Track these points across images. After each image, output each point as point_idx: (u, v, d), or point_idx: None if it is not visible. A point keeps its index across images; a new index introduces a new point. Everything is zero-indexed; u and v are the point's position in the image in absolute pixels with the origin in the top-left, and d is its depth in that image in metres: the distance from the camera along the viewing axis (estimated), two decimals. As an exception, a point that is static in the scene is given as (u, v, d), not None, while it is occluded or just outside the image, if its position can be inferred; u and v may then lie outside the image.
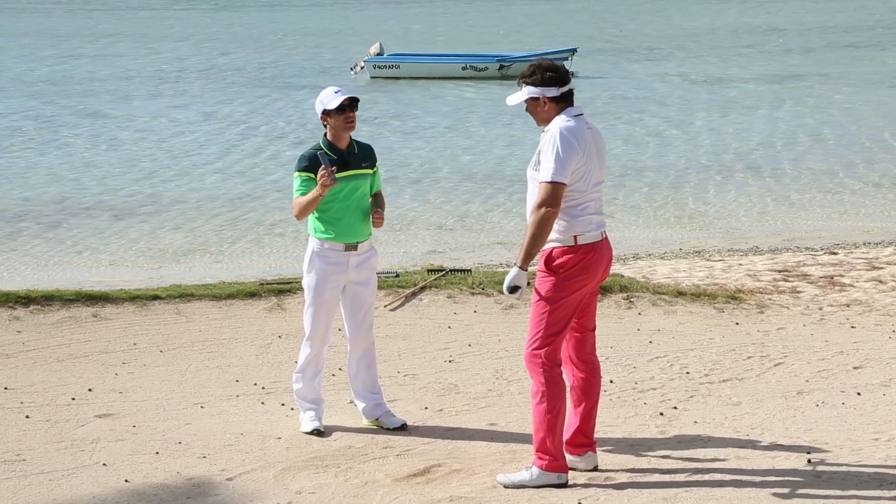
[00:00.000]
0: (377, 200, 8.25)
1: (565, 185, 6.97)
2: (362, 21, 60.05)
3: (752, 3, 67.43)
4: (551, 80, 7.11)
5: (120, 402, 8.87)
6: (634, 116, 29.41)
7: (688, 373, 9.49)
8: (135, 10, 68.25)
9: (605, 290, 11.14)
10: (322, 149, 8.04)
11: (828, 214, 19.03)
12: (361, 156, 8.13)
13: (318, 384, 8.27)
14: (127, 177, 22.50)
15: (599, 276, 7.23)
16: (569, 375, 7.40)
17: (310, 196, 7.91)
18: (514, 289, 7.07)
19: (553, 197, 6.95)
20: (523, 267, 7.03)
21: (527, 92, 7.16)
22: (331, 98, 8.01)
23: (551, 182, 6.94)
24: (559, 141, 6.98)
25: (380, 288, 10.57)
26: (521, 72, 7.24)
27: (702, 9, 64.89)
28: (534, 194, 7.11)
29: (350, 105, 8.01)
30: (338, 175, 7.88)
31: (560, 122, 7.07)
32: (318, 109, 8.05)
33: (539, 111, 7.16)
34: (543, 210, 6.95)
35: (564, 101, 7.14)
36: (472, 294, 11.32)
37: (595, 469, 7.44)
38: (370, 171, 8.17)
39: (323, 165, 7.83)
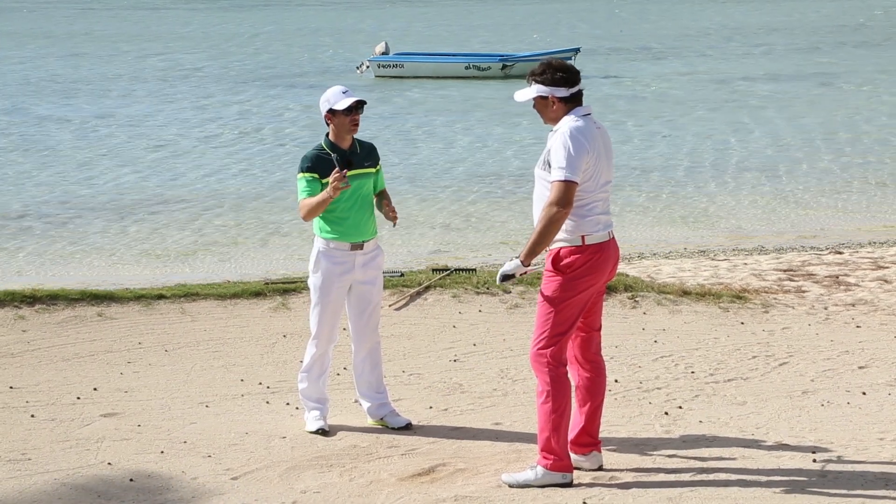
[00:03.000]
0: (383, 198, 8.24)
1: (577, 183, 6.96)
2: (367, 20, 60.05)
3: (756, 3, 67.37)
4: (561, 80, 7.10)
5: (125, 402, 8.87)
6: (638, 115, 29.40)
7: (693, 372, 9.49)
8: (136, 9, 68.29)
9: (610, 290, 11.13)
10: (324, 149, 8.03)
11: (833, 214, 19.01)
12: (364, 155, 8.12)
13: (323, 384, 8.27)
14: (132, 176, 22.51)
15: (606, 276, 7.22)
16: (574, 375, 7.40)
17: (319, 198, 7.88)
18: (506, 277, 7.10)
19: (566, 196, 6.94)
20: (525, 262, 7.04)
21: (536, 90, 7.14)
22: (338, 98, 7.99)
23: (563, 181, 6.93)
24: (569, 140, 6.97)
25: (385, 287, 10.57)
26: (532, 69, 7.22)
27: (705, 8, 64.86)
28: (541, 194, 7.10)
29: (357, 107, 8.01)
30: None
31: (569, 121, 7.06)
32: (323, 108, 8.02)
33: (547, 110, 7.15)
34: (555, 209, 6.93)
35: (573, 102, 7.13)
36: (477, 293, 11.31)
37: (600, 468, 7.43)
38: (373, 171, 8.15)
39: (336, 168, 7.82)
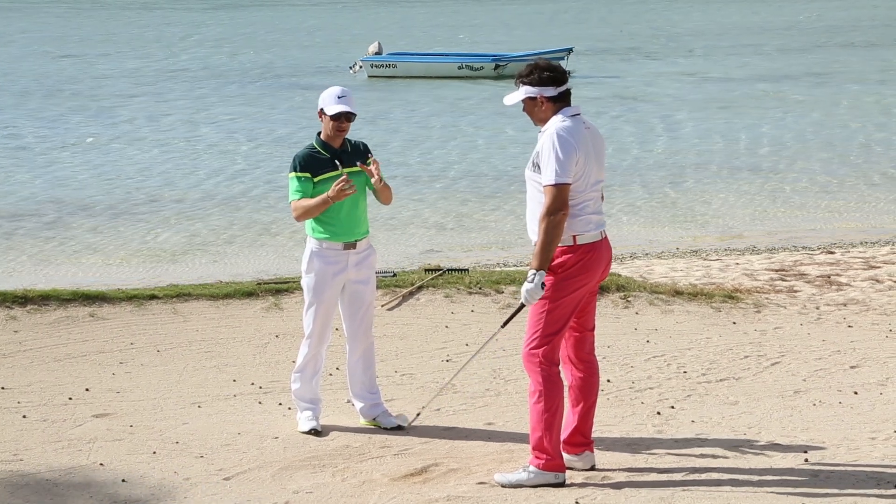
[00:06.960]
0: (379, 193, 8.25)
1: (570, 184, 6.96)
2: (361, 20, 60.03)
3: (750, 3, 67.42)
4: (549, 79, 7.10)
5: (117, 402, 8.86)
6: (631, 116, 29.41)
7: (685, 372, 9.50)
8: (132, 9, 68.22)
9: (603, 290, 11.14)
10: (316, 148, 8.06)
11: (825, 214, 19.04)
12: (355, 154, 8.14)
13: (315, 384, 8.27)
14: (124, 176, 22.50)
15: (599, 275, 7.22)
16: (567, 375, 7.40)
17: (318, 200, 7.87)
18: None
19: (560, 199, 6.93)
20: (539, 269, 6.96)
21: (524, 92, 7.15)
22: (332, 101, 8.02)
23: (556, 185, 6.93)
24: (557, 142, 6.97)
25: (377, 287, 10.57)
26: (519, 72, 7.23)
27: (699, 8, 64.89)
28: (532, 195, 7.11)
29: (346, 117, 8.04)
30: (331, 175, 7.88)
31: (556, 122, 7.06)
32: (319, 104, 8.08)
33: (536, 111, 7.16)
34: (553, 216, 6.91)
35: (562, 101, 7.14)
36: (470, 293, 11.32)
37: (592, 468, 7.44)
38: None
39: (345, 176, 7.82)
